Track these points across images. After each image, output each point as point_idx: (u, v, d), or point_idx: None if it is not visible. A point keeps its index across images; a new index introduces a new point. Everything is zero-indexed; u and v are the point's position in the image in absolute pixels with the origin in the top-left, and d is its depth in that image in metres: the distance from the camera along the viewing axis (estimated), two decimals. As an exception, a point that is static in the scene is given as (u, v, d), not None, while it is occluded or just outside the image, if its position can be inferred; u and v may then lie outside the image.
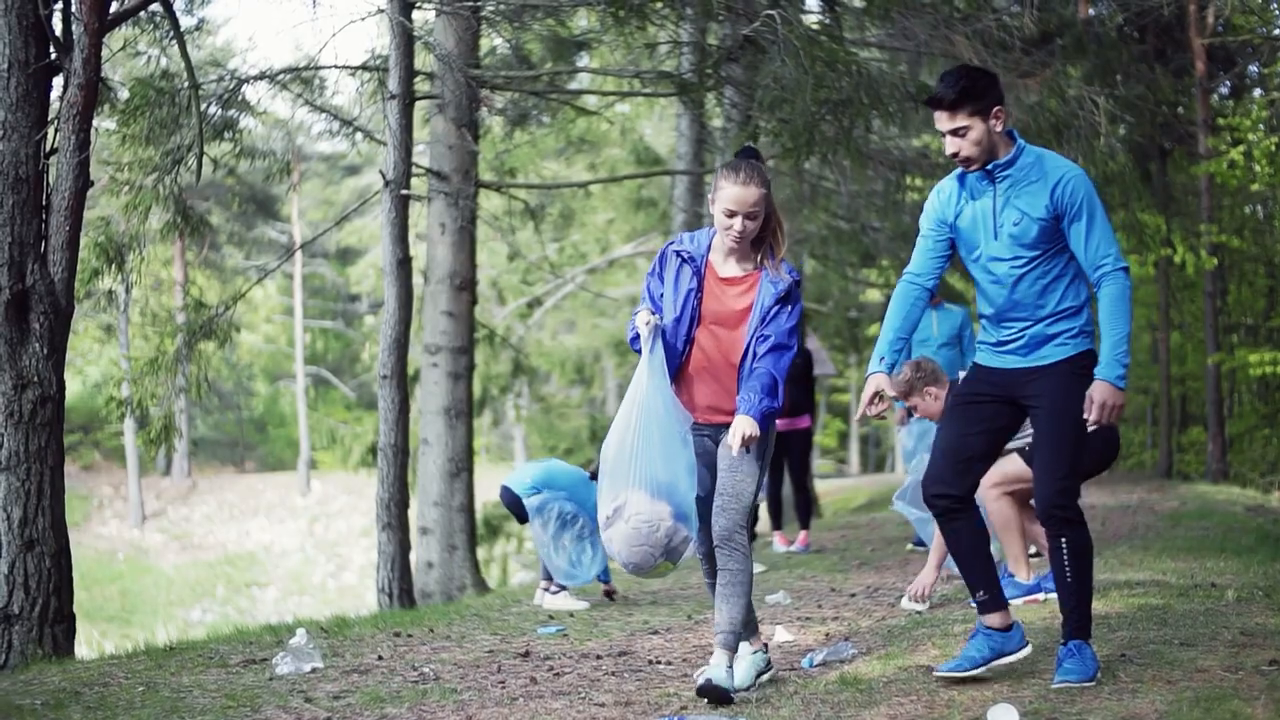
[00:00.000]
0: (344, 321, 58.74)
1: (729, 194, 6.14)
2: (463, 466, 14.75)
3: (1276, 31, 28.35)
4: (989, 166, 6.10)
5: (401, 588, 12.59)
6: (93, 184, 9.58)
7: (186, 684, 6.90)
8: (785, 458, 13.65)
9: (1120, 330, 6.05)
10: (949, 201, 6.29)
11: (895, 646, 7.28)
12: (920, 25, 15.73)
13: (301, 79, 14.83)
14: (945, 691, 6.10)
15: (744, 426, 6.00)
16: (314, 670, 7.20)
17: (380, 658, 7.63)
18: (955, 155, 6.06)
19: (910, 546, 12.81)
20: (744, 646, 6.40)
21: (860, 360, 38.45)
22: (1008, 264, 6.14)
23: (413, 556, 13.20)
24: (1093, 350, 6.18)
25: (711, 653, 7.48)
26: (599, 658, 7.52)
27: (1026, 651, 6.34)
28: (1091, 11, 23.79)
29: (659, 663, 7.29)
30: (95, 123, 9.70)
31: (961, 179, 6.26)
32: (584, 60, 17.40)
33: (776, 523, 14.13)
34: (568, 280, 30.61)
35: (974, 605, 6.42)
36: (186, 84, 12.57)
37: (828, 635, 8.03)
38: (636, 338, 6.22)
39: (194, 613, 38.65)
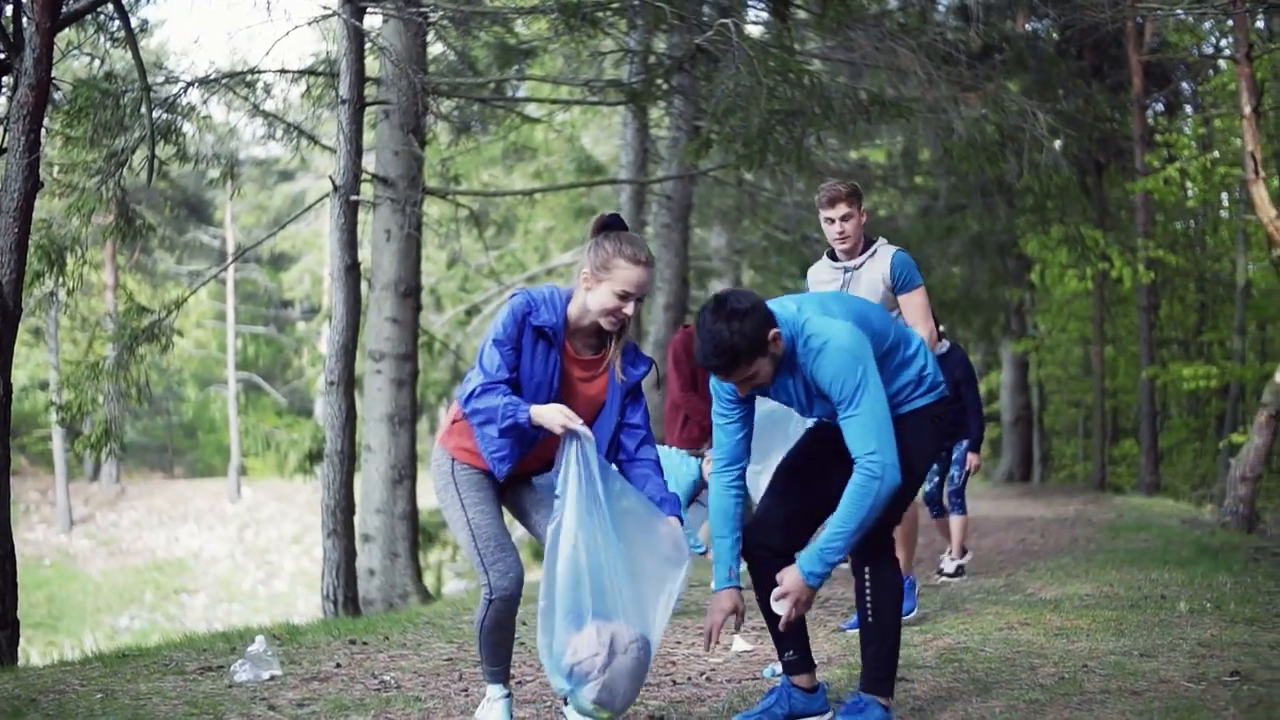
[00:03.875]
0: (276, 327, 58.37)
1: (629, 276, 5.37)
2: (405, 474, 14.69)
3: (1209, 50, 28.71)
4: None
5: (346, 595, 12.53)
6: (42, 185, 9.47)
7: (145, 691, 6.82)
8: None
9: (843, 526, 5.28)
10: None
11: (856, 656, 7.28)
12: (865, 38, 15.80)
13: (247, 83, 14.70)
14: (912, 699, 6.12)
15: (677, 528, 5.48)
16: (273, 678, 7.13)
17: (339, 665, 7.57)
18: (749, 390, 5.51)
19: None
20: (498, 689, 5.88)
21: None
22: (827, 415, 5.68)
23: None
24: (940, 402, 5.71)
25: (674, 663, 7.49)
26: (559, 666, 7.49)
27: (828, 717, 5.89)
28: (1029, 26, 23.99)
29: (620, 671, 7.25)
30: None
31: None
32: (531, 68, 17.35)
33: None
34: (506, 287, 30.56)
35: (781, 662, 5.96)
36: (135, 86, 12.46)
37: (785, 645, 8.03)
38: (516, 425, 5.29)
39: (122, 619, 38.26)
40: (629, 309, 5.41)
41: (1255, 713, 5.64)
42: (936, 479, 11.90)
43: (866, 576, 5.63)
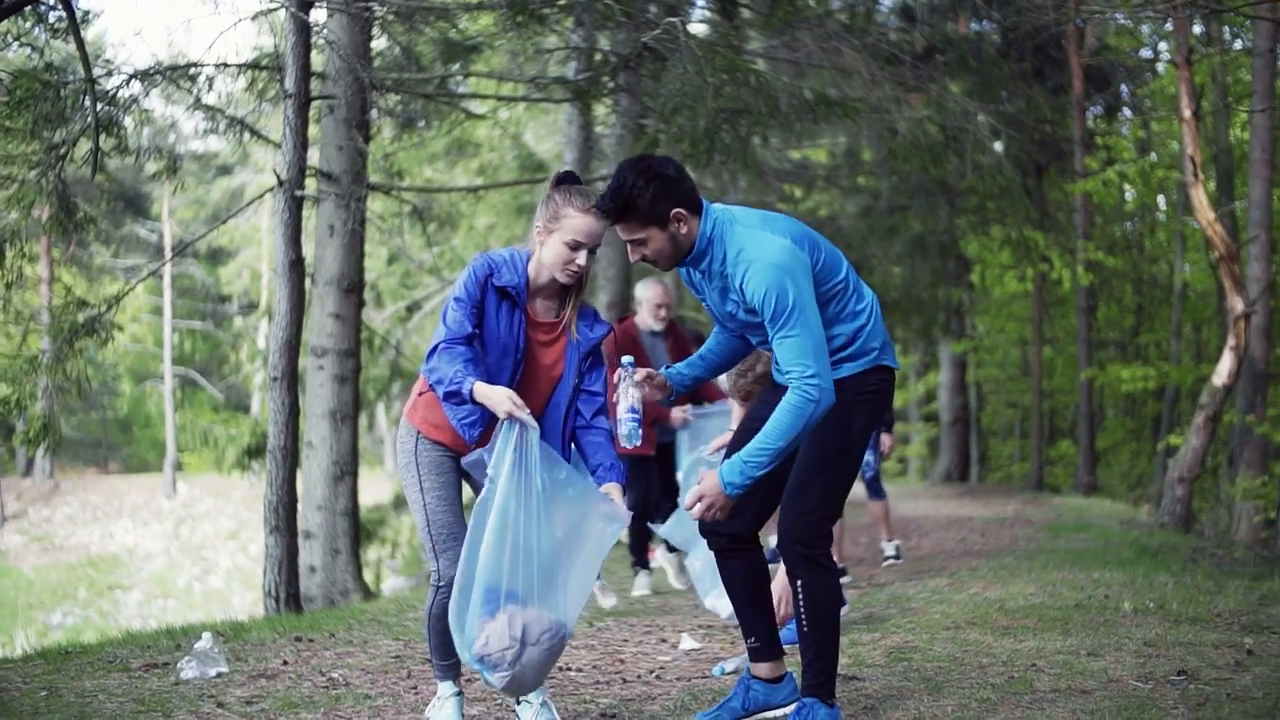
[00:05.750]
0: (213, 322, 57.97)
1: (578, 224, 5.39)
2: (347, 470, 14.58)
3: (1148, 54, 28.96)
4: (685, 259, 5.50)
5: (288, 592, 12.44)
6: (-18, 177, 9.37)
7: (90, 689, 6.75)
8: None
9: (770, 442, 5.21)
10: (688, 278, 5.69)
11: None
12: (811, 38, 15.83)
13: (190, 76, 14.56)
14: (864, 698, 6.13)
15: (619, 494, 5.49)
16: (219, 675, 7.08)
17: (285, 663, 7.52)
18: (640, 260, 5.46)
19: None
20: (448, 686, 5.86)
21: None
22: (754, 329, 5.53)
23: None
24: (873, 371, 5.53)
25: (623, 660, 7.49)
26: (507, 664, 7.47)
27: (794, 707, 5.65)
28: (972, 28, 24.13)
29: (569, 669, 7.25)
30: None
31: None
32: (474, 64, 17.29)
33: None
34: (447, 284, 30.46)
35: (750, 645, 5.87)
36: (76, 77, 12.32)
37: (733, 642, 8.04)
38: (458, 394, 5.25)
39: (54, 616, 37.87)
40: (581, 259, 5.43)
41: (1203, 711, 5.68)
42: (873, 455, 11.84)
43: (800, 588, 5.48)
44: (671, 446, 10.85)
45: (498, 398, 5.20)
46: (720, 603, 7.90)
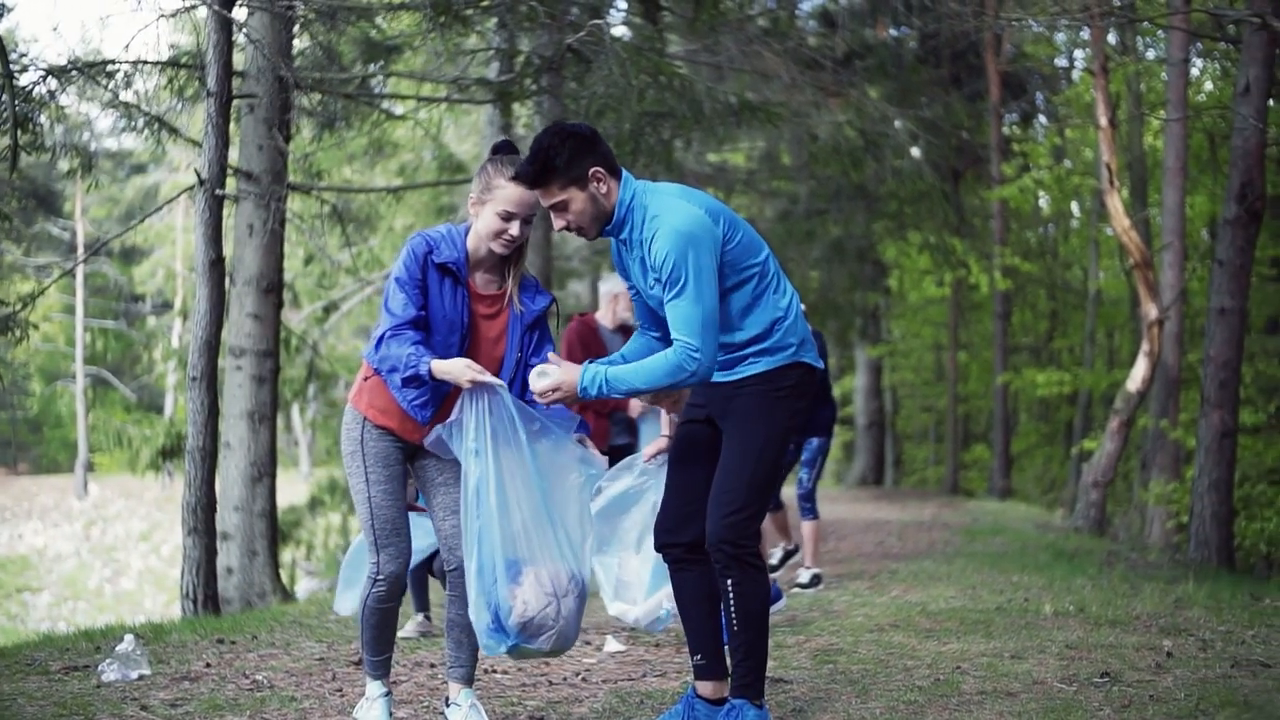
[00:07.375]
0: (126, 322, 57.32)
1: (509, 194, 5.37)
2: (265, 471, 14.47)
3: (1063, 63, 29.29)
4: (607, 228, 5.48)
5: (206, 594, 12.32)
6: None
7: (8, 692, 6.66)
8: None
9: (636, 381, 5.27)
10: (617, 255, 5.67)
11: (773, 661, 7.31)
12: (732, 41, 15.89)
13: (108, 73, 14.40)
14: (792, 700, 6.15)
15: (589, 442, 5.56)
16: (141, 677, 7.00)
17: (208, 665, 7.45)
18: (564, 229, 5.42)
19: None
20: (377, 686, 5.85)
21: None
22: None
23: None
24: (791, 367, 5.50)
25: (548, 663, 7.46)
26: (432, 666, 7.45)
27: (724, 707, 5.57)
28: (891, 33, 24.30)
29: (494, 671, 7.23)
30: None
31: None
32: (395, 64, 17.19)
33: None
34: (366, 283, 30.31)
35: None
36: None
37: (658, 645, 8.04)
38: (417, 377, 5.26)
39: (-40, 619, 37.40)
40: (514, 229, 5.42)
41: (1128, 713, 5.75)
42: (806, 473, 11.32)
43: (730, 587, 5.42)
44: (629, 449, 10.52)
45: (457, 369, 5.24)
46: (626, 608, 7.78)
